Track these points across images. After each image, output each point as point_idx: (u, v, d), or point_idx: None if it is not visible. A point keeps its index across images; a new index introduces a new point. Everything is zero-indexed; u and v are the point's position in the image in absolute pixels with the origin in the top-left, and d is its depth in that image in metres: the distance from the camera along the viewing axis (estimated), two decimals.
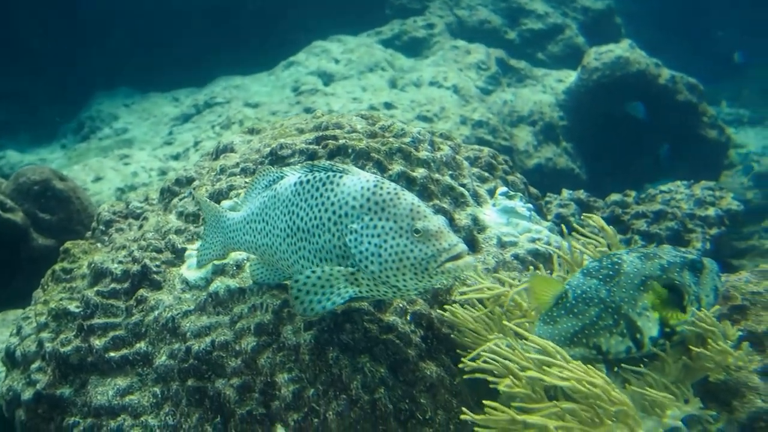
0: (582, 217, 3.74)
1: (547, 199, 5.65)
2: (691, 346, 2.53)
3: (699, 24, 15.94)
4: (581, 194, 5.75)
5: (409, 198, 2.48)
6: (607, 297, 2.60)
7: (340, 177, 2.58)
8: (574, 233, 3.15)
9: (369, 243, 2.45)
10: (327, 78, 9.96)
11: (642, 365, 2.58)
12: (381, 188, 2.49)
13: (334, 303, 2.54)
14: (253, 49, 12.22)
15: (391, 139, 3.53)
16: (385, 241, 2.43)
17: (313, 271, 2.53)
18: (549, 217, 5.14)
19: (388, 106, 8.77)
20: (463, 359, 2.69)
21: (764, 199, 9.79)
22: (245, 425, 2.70)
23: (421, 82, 9.48)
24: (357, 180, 2.54)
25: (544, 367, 2.39)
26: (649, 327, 2.56)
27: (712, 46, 15.42)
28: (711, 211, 5.66)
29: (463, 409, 2.55)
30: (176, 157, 8.65)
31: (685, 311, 2.57)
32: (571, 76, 9.87)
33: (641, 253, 2.70)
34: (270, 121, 6.56)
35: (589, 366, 2.39)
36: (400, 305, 2.93)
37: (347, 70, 9.87)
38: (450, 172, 3.55)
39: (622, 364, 2.55)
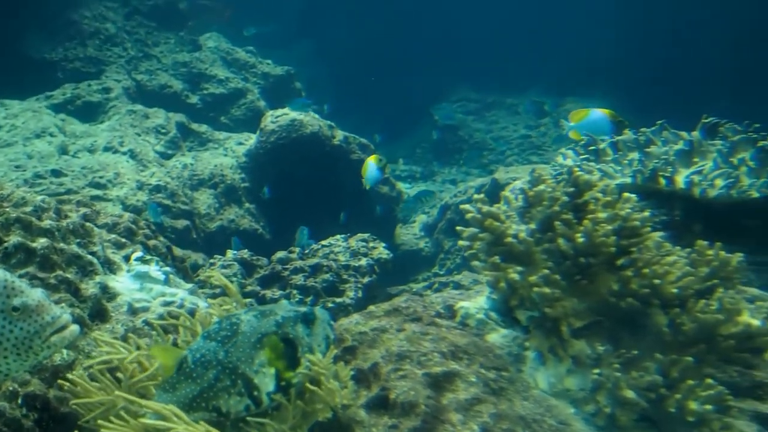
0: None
1: (212, 260, 5.68)
2: (307, 389, 2.66)
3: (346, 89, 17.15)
4: (245, 254, 5.87)
5: (0, 275, 2.32)
6: (225, 358, 2.64)
7: None
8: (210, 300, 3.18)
9: None
10: None
11: (269, 417, 2.66)
12: None
13: None
14: None
15: (8, 209, 3.30)
16: None
17: None
18: None
19: (57, 173, 8.23)
20: None
21: (434, 247, 10.80)
22: None
23: (95, 148, 9.07)
24: None
25: None
26: (266, 383, 2.64)
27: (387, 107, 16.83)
28: (363, 262, 6.12)
29: None
30: None
31: (299, 363, 2.70)
32: (252, 139, 10.12)
33: (258, 311, 2.79)
34: None
35: (201, 425, 2.39)
36: (11, 388, 2.70)
37: (10, 137, 9.10)
38: (78, 240, 3.40)
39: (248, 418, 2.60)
